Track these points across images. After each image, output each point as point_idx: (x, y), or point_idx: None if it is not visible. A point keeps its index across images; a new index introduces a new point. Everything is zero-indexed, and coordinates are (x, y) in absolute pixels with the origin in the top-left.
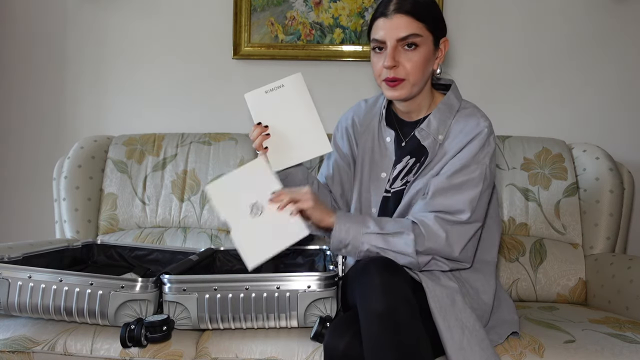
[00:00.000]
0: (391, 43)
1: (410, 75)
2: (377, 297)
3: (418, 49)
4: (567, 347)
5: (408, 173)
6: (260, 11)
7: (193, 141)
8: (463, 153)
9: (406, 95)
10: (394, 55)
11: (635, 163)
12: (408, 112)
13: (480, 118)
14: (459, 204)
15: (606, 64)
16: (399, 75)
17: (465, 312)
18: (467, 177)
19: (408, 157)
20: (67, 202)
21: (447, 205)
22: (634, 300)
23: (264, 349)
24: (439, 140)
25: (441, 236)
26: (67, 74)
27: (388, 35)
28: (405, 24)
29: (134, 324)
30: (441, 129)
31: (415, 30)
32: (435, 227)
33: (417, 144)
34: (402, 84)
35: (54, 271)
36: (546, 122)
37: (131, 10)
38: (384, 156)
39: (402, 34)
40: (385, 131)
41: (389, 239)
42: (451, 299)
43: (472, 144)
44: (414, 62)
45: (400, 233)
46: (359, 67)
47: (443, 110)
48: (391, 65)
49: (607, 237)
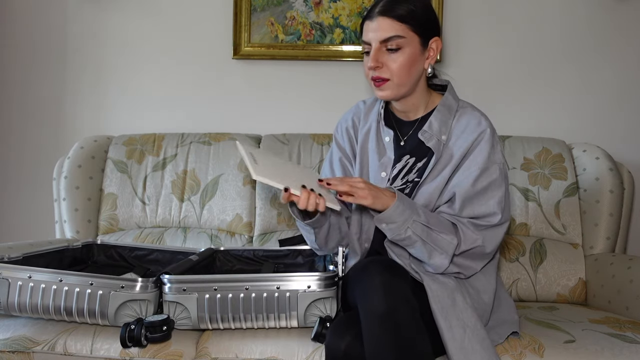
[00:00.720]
0: (375, 45)
1: (394, 76)
2: (378, 298)
3: (402, 50)
4: (567, 347)
5: (408, 172)
6: (260, 11)
7: (193, 141)
8: (476, 157)
9: (393, 96)
10: (377, 57)
11: (635, 163)
12: (405, 112)
13: (480, 117)
14: (489, 208)
15: (606, 64)
16: (383, 75)
17: (466, 312)
18: (489, 179)
19: (407, 157)
20: (67, 202)
21: (478, 212)
22: (634, 300)
23: (264, 349)
24: (442, 141)
25: (477, 239)
26: (67, 74)
27: (372, 37)
28: (386, 26)
29: (134, 324)
30: (443, 130)
31: (397, 32)
32: (469, 231)
33: (417, 144)
34: (386, 84)
35: (54, 271)
36: (546, 122)
37: (131, 10)
38: (383, 156)
39: (384, 36)
40: (383, 131)
41: (433, 234)
42: (452, 299)
43: (482, 146)
44: (398, 63)
45: (445, 232)
46: (359, 67)
47: (442, 111)
48: (374, 66)
49: (607, 237)
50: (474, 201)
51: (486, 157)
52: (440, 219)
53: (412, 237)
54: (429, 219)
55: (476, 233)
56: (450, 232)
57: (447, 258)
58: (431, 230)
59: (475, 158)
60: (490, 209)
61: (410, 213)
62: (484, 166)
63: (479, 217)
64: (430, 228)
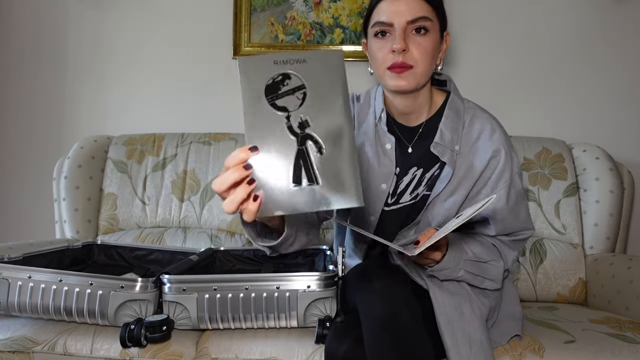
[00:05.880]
0: (400, 25)
1: (419, 63)
2: (379, 303)
3: (428, 34)
4: (567, 347)
5: (418, 185)
6: (260, 11)
7: (193, 141)
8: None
9: (413, 86)
10: (404, 37)
11: (635, 163)
12: (408, 114)
13: (492, 121)
14: (522, 223)
15: (607, 64)
16: (408, 60)
17: (473, 324)
18: (516, 192)
19: (415, 169)
20: (67, 202)
21: (513, 228)
22: (634, 300)
23: (264, 349)
24: (456, 152)
25: (514, 255)
26: (67, 74)
27: (397, 17)
28: (416, 5)
29: (133, 324)
30: (455, 139)
31: (426, 13)
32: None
33: (424, 152)
34: (409, 71)
35: (54, 271)
36: (546, 122)
37: (131, 11)
38: (383, 165)
39: (415, 15)
40: (384, 136)
41: (483, 266)
42: (459, 311)
43: (503, 159)
44: (423, 48)
45: (493, 260)
46: (359, 67)
47: (451, 116)
48: (402, 48)
49: (607, 237)
50: (509, 219)
51: (510, 170)
52: (484, 245)
53: (465, 275)
54: (475, 251)
55: (514, 249)
56: (497, 256)
57: (499, 283)
58: (481, 263)
59: (502, 174)
60: (523, 223)
61: (459, 255)
62: (510, 181)
63: (514, 232)
64: (479, 261)
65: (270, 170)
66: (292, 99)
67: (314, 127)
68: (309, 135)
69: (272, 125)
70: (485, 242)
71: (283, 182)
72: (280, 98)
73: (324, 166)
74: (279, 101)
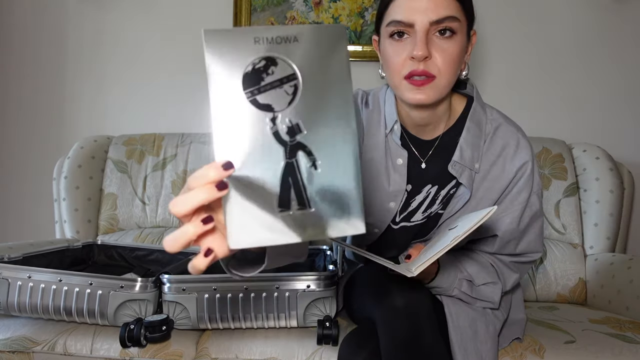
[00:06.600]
0: (422, 26)
1: (442, 73)
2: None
3: (454, 37)
4: (567, 347)
5: (431, 204)
6: (260, 11)
7: (193, 141)
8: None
9: (434, 100)
10: (426, 41)
11: (635, 163)
12: (424, 126)
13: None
14: (533, 246)
15: (607, 64)
16: (430, 69)
17: (486, 345)
18: (531, 213)
19: (429, 186)
20: (67, 202)
21: (520, 250)
22: (634, 300)
23: (263, 349)
24: (475, 170)
25: (516, 276)
26: (67, 74)
27: (418, 16)
28: (443, 2)
29: (133, 323)
30: (475, 156)
31: (453, 11)
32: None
33: (440, 170)
34: (431, 83)
35: (54, 271)
36: (546, 122)
37: (131, 10)
38: (393, 182)
39: (441, 15)
40: (396, 151)
41: (478, 288)
42: (474, 330)
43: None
44: (448, 55)
45: (490, 282)
46: (359, 67)
47: (473, 130)
48: (424, 56)
49: (607, 237)
50: (515, 240)
51: (529, 191)
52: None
53: (459, 294)
54: (471, 270)
55: (515, 271)
56: (494, 278)
57: (496, 304)
58: (475, 286)
59: (519, 193)
60: (532, 246)
61: (454, 272)
62: (525, 203)
63: (520, 254)
64: (474, 283)
65: (249, 191)
66: (280, 93)
67: (307, 133)
68: (300, 145)
69: (252, 131)
70: (482, 262)
71: (266, 207)
72: (263, 92)
73: (319, 186)
74: (262, 96)
